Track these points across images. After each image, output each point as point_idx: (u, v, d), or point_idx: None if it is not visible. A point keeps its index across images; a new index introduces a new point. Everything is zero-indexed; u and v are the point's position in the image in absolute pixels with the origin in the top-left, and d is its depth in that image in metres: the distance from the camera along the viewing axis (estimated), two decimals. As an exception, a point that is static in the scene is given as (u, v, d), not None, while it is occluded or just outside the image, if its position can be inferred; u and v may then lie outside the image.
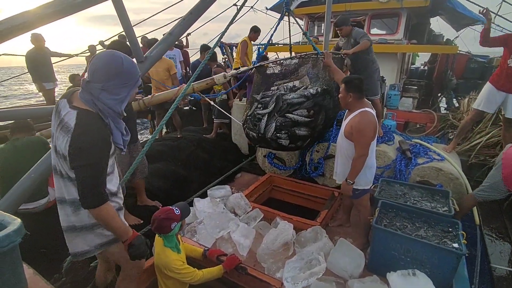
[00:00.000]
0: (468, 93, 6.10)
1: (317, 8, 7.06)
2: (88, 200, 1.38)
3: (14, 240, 0.61)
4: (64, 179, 1.45)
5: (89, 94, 1.37)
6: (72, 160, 1.34)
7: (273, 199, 3.93)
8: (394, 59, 6.88)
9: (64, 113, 1.37)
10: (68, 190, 1.46)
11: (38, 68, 5.80)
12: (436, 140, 4.39)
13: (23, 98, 17.81)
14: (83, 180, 1.35)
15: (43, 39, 5.82)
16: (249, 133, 3.43)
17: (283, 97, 3.22)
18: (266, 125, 3.19)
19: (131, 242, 1.54)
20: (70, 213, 1.50)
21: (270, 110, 3.20)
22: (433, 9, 6.73)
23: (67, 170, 1.41)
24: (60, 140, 1.36)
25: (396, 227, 2.35)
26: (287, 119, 3.14)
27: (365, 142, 2.34)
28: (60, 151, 1.38)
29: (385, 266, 2.20)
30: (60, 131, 1.36)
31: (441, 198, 2.70)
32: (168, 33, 2.21)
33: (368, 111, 2.38)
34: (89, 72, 1.35)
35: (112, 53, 1.39)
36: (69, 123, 1.33)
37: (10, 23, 1.37)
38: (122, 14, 1.89)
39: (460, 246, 2.04)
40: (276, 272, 2.37)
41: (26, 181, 1.68)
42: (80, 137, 1.32)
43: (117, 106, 1.41)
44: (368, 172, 2.52)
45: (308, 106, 3.15)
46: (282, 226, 2.67)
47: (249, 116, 3.41)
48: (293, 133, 3.15)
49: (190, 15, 2.25)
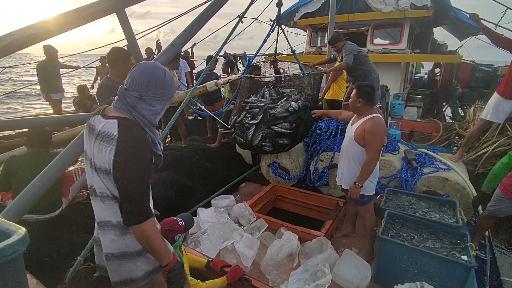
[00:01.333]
0: (473, 102, 6.06)
1: (320, 19, 7.16)
2: (134, 216, 1.25)
3: (18, 249, 0.61)
4: (109, 200, 1.33)
5: (125, 103, 1.32)
6: (118, 170, 1.23)
7: (278, 209, 3.90)
8: (398, 69, 6.90)
9: (101, 126, 1.29)
10: (114, 211, 1.32)
11: (48, 80, 5.92)
12: (441, 149, 4.35)
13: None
14: (129, 191, 1.24)
15: (55, 50, 5.96)
16: (236, 138, 3.84)
17: (270, 110, 3.64)
18: (253, 134, 3.61)
19: (173, 267, 1.38)
20: (116, 238, 1.35)
21: (257, 122, 3.61)
22: (436, 19, 6.77)
23: (112, 188, 1.29)
24: (101, 154, 1.26)
25: (403, 238, 2.31)
26: (272, 130, 3.58)
27: (378, 145, 2.39)
28: (102, 166, 1.27)
29: (392, 278, 2.14)
30: (99, 145, 1.27)
31: (449, 209, 2.66)
32: (170, 44, 2.25)
33: (380, 117, 2.45)
34: (128, 80, 1.32)
35: (155, 65, 1.36)
36: (111, 132, 1.25)
37: (19, 34, 1.41)
38: (126, 27, 1.93)
39: (469, 258, 1.99)
40: (280, 284, 2.33)
41: (31, 190, 1.69)
42: (127, 143, 1.23)
43: (152, 117, 1.36)
44: (373, 179, 2.54)
45: (291, 120, 3.60)
46: (286, 236, 2.64)
47: (238, 123, 3.79)
48: (277, 142, 3.61)
49: (191, 27, 2.29)
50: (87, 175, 1.40)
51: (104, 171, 1.27)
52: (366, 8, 6.64)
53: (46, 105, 13.57)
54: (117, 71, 2.72)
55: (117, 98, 1.35)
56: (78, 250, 2.76)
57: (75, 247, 2.78)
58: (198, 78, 5.80)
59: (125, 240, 1.36)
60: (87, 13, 1.64)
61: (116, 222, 1.34)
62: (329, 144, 3.90)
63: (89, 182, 1.39)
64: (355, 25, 7.01)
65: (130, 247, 1.37)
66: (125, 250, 1.37)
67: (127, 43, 2.50)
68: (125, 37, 2.00)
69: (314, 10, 7.35)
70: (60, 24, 1.56)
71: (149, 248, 1.32)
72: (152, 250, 1.33)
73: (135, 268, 1.39)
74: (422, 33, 7.69)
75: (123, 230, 1.35)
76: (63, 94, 6.43)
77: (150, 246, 1.31)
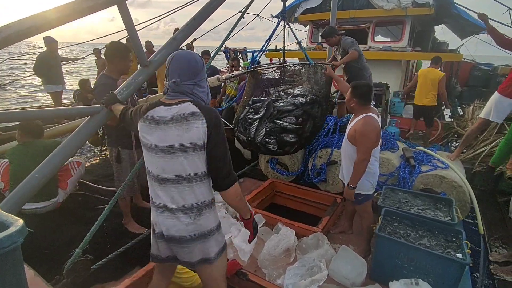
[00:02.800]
0: (472, 101, 6.08)
1: (322, 15, 7.11)
2: (232, 176, 1.43)
3: (16, 241, 0.61)
4: (186, 182, 1.40)
5: (182, 93, 1.42)
6: (214, 138, 1.36)
7: (275, 204, 3.92)
8: (398, 66, 6.89)
9: (173, 112, 1.38)
10: (189, 194, 1.42)
11: (49, 71, 5.89)
12: (440, 148, 4.36)
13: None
14: (225, 155, 1.41)
15: (56, 42, 5.91)
16: (239, 136, 3.53)
17: (273, 103, 3.33)
18: (256, 129, 3.30)
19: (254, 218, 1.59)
20: (191, 220, 1.43)
21: (260, 116, 3.30)
22: (437, 17, 6.74)
23: (198, 164, 1.39)
24: (191, 131, 1.34)
25: (400, 235, 2.33)
26: (276, 125, 3.25)
27: (367, 147, 2.33)
28: (192, 143, 1.35)
29: (388, 275, 2.17)
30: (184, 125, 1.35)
31: (444, 206, 2.68)
32: (172, 38, 2.21)
33: (372, 116, 2.36)
34: (174, 74, 1.41)
35: (190, 52, 1.49)
36: (193, 111, 1.37)
37: (18, 26, 1.39)
38: (127, 19, 1.89)
39: (464, 256, 2.01)
40: (277, 278, 2.35)
41: (30, 182, 1.67)
42: (212, 115, 1.38)
43: (206, 97, 1.50)
44: (371, 178, 2.50)
45: (297, 114, 3.26)
46: (284, 232, 2.65)
47: (240, 120, 3.52)
48: (282, 139, 3.26)
49: (193, 20, 2.24)
50: (153, 166, 1.45)
51: (195, 147, 1.36)
52: (368, 5, 6.60)
53: (42, 97, 13.50)
54: (113, 67, 2.66)
55: (171, 91, 1.43)
56: (76, 241, 2.77)
57: (73, 239, 2.79)
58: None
59: (200, 221, 1.44)
60: (86, 6, 1.61)
61: (192, 204, 1.42)
62: (327, 140, 3.90)
63: (156, 171, 1.44)
64: (356, 22, 6.97)
65: (204, 227, 1.45)
66: (200, 231, 1.45)
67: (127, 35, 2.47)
68: (126, 29, 1.96)
69: (315, 6, 7.30)
70: (61, 15, 1.53)
71: (241, 203, 1.51)
72: (243, 205, 1.53)
73: (208, 247, 1.48)
74: (423, 31, 7.66)
75: (198, 212, 1.43)
76: (64, 86, 6.40)
77: (241, 202, 1.51)
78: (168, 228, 1.43)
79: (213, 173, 1.44)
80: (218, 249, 1.52)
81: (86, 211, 3.32)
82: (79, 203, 3.46)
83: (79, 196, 3.58)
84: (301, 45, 3.95)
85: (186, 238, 1.42)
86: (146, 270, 2.14)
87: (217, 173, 1.42)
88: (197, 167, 1.39)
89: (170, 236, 1.43)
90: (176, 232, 1.42)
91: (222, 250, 1.56)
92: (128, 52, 2.69)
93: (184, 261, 1.50)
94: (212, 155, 1.39)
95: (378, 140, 2.39)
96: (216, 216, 1.55)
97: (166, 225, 1.43)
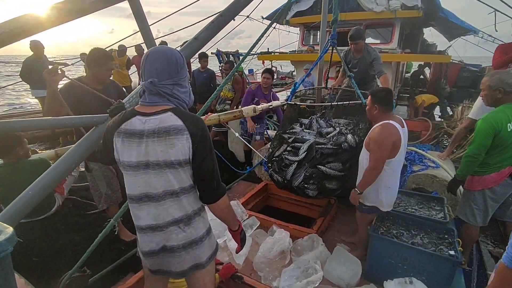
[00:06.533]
0: (461, 101, 6.19)
1: (313, 17, 7.17)
2: (220, 189, 1.37)
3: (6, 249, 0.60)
4: (173, 197, 1.31)
5: (160, 96, 1.27)
6: (201, 153, 1.26)
7: (270, 206, 3.91)
8: (389, 68, 6.97)
9: (153, 124, 1.24)
10: (178, 207, 1.33)
11: (36, 76, 5.79)
12: (431, 147, 4.42)
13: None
14: (213, 169, 1.32)
15: (42, 46, 5.81)
16: (273, 174, 3.09)
17: (316, 146, 2.90)
18: (294, 173, 2.87)
19: (242, 229, 1.55)
20: (181, 230, 1.36)
21: (300, 159, 2.88)
22: (426, 19, 6.86)
23: (184, 179, 1.30)
24: (176, 147, 1.23)
25: (393, 234, 2.35)
26: (319, 171, 2.79)
27: (379, 155, 2.15)
28: (176, 160, 1.24)
29: (382, 274, 2.19)
30: (167, 141, 1.23)
31: (437, 205, 2.72)
32: (193, 38, 1.88)
33: (391, 124, 2.18)
34: (151, 72, 1.25)
35: (168, 48, 1.32)
36: (176, 123, 1.23)
37: (7, 27, 1.25)
38: (140, 14, 1.73)
39: (456, 253, 2.04)
40: (272, 281, 2.35)
41: (23, 199, 1.49)
42: (197, 126, 1.26)
43: (188, 98, 1.37)
44: (383, 192, 2.30)
45: (345, 158, 2.80)
46: (278, 234, 2.65)
47: (276, 158, 3.12)
48: (323, 185, 2.79)
49: (220, 17, 1.90)
50: (135, 182, 1.31)
51: (180, 163, 1.26)
52: (358, 8, 6.68)
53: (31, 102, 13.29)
54: (90, 73, 2.51)
55: (148, 94, 1.28)
56: (67, 250, 2.72)
57: (65, 247, 2.74)
58: (198, 79, 5.81)
59: (189, 228, 1.38)
60: (91, 2, 1.36)
61: (180, 216, 1.35)
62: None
63: (141, 189, 1.31)
64: (346, 24, 7.05)
65: (195, 234, 1.40)
66: (192, 238, 1.39)
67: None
68: (137, 23, 1.78)
69: (306, 8, 7.37)
70: (61, 14, 1.31)
71: (229, 215, 1.46)
72: (231, 217, 1.48)
73: (200, 253, 1.43)
74: (412, 33, 7.79)
75: (187, 222, 1.37)
76: None
77: (229, 214, 1.46)
78: (158, 243, 1.37)
79: (201, 187, 1.36)
80: (210, 253, 1.48)
81: (77, 218, 3.27)
82: (70, 209, 3.40)
83: (70, 202, 3.52)
84: (351, 79, 3.29)
85: (177, 246, 1.37)
86: (139, 277, 2.11)
87: (204, 186, 1.35)
88: (183, 181, 1.31)
89: (160, 247, 1.38)
90: (166, 242, 1.37)
91: (214, 253, 1.52)
92: (107, 59, 2.50)
93: (177, 271, 1.43)
94: (199, 170, 1.30)
95: (395, 150, 2.19)
96: (206, 221, 1.48)
97: (156, 241, 1.37)
